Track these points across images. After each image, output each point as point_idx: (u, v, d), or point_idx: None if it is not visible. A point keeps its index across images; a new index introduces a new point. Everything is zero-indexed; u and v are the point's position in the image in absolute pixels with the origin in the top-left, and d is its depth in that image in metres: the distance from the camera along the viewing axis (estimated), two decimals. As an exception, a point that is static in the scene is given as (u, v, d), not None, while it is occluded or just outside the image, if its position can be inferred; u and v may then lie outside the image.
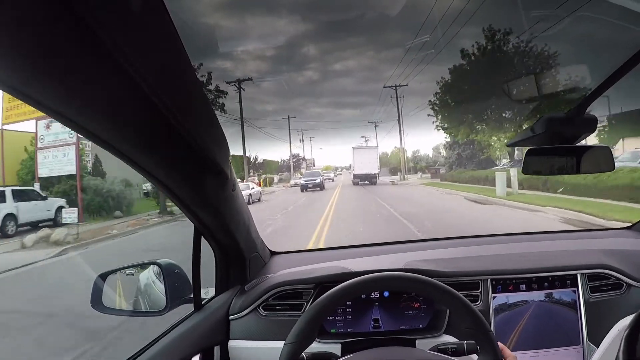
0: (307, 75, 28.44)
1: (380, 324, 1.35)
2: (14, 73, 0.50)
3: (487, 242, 1.82)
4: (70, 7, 0.42)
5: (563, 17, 7.61)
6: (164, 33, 0.54)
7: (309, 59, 29.06)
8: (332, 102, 36.06)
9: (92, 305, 1.26)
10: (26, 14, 0.41)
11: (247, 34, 20.09)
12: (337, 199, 16.45)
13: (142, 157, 0.78)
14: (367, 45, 29.11)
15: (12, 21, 0.42)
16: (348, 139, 42.28)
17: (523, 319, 1.35)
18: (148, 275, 1.43)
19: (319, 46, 27.43)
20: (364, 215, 11.26)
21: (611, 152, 1.18)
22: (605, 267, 1.39)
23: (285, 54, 25.24)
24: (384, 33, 26.21)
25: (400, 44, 20.77)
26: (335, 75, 31.93)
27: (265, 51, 22.59)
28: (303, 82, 28.75)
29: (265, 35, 16.92)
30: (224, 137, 0.89)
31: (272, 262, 1.69)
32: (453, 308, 1.00)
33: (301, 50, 25.46)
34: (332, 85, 32.91)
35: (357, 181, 23.34)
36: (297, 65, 29.02)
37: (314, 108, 36.77)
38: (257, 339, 1.35)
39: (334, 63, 31.28)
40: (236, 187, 1.17)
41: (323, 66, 30.99)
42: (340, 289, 0.99)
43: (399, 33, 20.35)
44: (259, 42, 17.70)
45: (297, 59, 27.52)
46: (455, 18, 15.08)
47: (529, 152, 1.12)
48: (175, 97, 0.64)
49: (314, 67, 31.42)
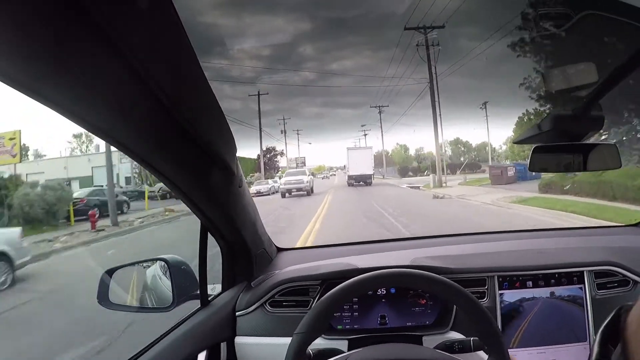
0: (303, 75, 28.25)
1: (387, 320, 1.36)
2: (22, 70, 0.50)
3: (493, 239, 1.82)
4: (78, 2, 0.42)
5: (571, 15, 7.53)
6: (170, 29, 0.54)
7: (306, 58, 28.91)
8: (328, 102, 35.83)
9: (98, 301, 1.27)
10: (33, 10, 0.42)
11: (245, 32, 20.09)
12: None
13: (149, 153, 0.79)
14: (365, 45, 28.97)
15: (19, 17, 0.42)
16: (345, 140, 41.54)
17: (530, 316, 1.35)
18: (155, 271, 1.43)
19: (316, 45, 27.34)
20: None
21: (617, 149, 1.17)
22: (612, 264, 1.39)
23: (282, 53, 25.12)
24: (383, 32, 26.03)
25: (401, 43, 20.59)
26: (332, 74, 31.75)
27: (262, 50, 22.48)
28: (299, 81, 28.59)
29: (263, 34, 16.94)
30: (230, 133, 0.89)
31: (278, 258, 1.69)
32: (462, 307, 1.00)
33: (298, 50, 25.35)
34: (329, 84, 32.67)
35: (352, 182, 22.24)
36: (294, 64, 28.91)
37: (309, 107, 36.56)
38: (264, 335, 1.36)
39: (331, 62, 31.10)
40: (243, 183, 1.17)
41: (320, 65, 30.83)
42: (350, 283, 0.99)
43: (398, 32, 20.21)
44: (256, 41, 17.70)
45: (294, 58, 27.40)
46: (450, 15, 14.93)
47: (535, 150, 1.12)
48: (182, 93, 0.64)
49: (310, 66, 31.28)
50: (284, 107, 30.56)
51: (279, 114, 29.23)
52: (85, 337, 3.98)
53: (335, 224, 9.35)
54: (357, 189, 19.27)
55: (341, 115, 36.72)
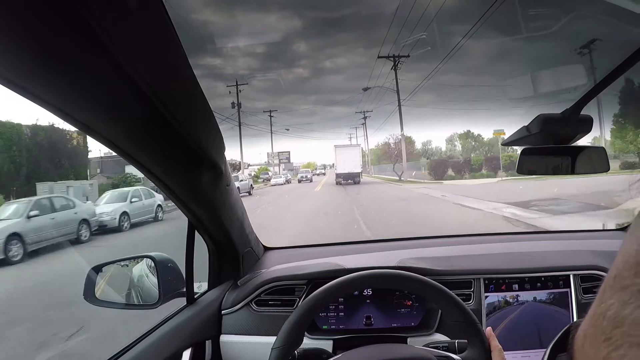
0: (297, 73, 28.13)
1: (372, 321, 1.36)
2: (12, 68, 0.50)
3: (480, 241, 1.83)
4: (68, 3, 0.42)
5: (560, 17, 7.60)
6: (160, 29, 0.54)
7: (299, 55, 28.79)
8: (321, 99, 35.69)
9: (84, 297, 1.25)
10: (25, 10, 0.42)
11: (238, 30, 20.00)
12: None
13: (137, 151, 0.79)
14: (357, 42, 28.92)
15: (11, 17, 0.42)
16: (337, 137, 41.21)
17: (515, 319, 1.36)
18: (141, 269, 1.42)
19: (309, 43, 27.26)
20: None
21: (606, 152, 1.18)
22: (599, 268, 1.39)
23: (275, 51, 25.03)
24: (375, 30, 26.02)
25: (394, 41, 20.57)
26: (325, 72, 31.66)
27: (256, 48, 22.37)
28: (293, 79, 28.43)
29: (256, 32, 16.86)
30: (219, 132, 0.89)
31: (265, 257, 1.69)
32: (442, 305, 1.01)
33: (292, 47, 25.29)
34: (321, 82, 32.59)
35: (340, 180, 22.25)
36: (287, 62, 28.80)
37: (303, 105, 36.42)
38: (249, 334, 1.35)
39: (324, 60, 31.01)
40: (231, 182, 1.17)
41: (313, 63, 30.72)
42: (327, 288, 0.98)
43: (392, 30, 20.15)
44: (249, 39, 17.59)
45: (287, 55, 27.31)
46: (437, 14, 14.86)
47: (523, 152, 1.12)
48: (171, 93, 0.64)
49: (304, 64, 31.17)
50: (277, 104, 30.46)
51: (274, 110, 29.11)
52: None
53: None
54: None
55: (334, 113, 36.66)
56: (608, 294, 0.29)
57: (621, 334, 0.27)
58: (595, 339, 0.30)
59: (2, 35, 0.44)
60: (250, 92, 31.62)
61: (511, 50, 14.94)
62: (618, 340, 0.27)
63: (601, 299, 0.30)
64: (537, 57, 15.03)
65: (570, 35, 10.67)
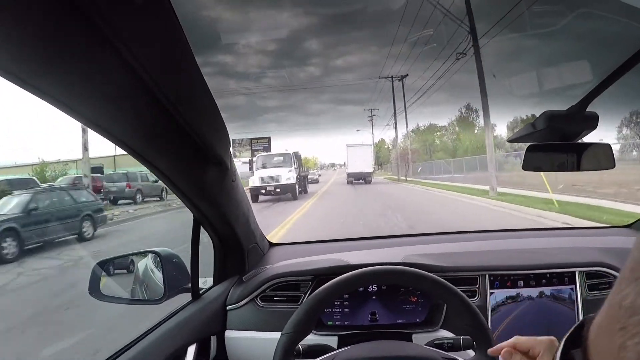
0: (308, 71, 28.02)
1: (377, 317, 1.36)
2: (17, 62, 0.50)
3: (485, 237, 1.82)
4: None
5: (566, 14, 7.54)
6: (166, 23, 0.53)
7: (311, 53, 28.68)
8: (333, 98, 35.52)
9: (89, 293, 1.26)
10: (31, 6, 0.42)
11: (249, 27, 19.93)
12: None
13: (143, 147, 0.79)
14: (370, 40, 28.78)
15: (15, 10, 0.42)
16: (348, 136, 40.79)
17: (520, 316, 1.36)
18: (147, 264, 1.43)
19: (321, 40, 27.14)
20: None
21: (612, 149, 1.17)
22: (604, 265, 1.39)
23: (287, 48, 24.93)
24: (387, 27, 25.88)
25: (404, 38, 20.41)
26: (337, 70, 31.50)
27: (267, 45, 22.29)
28: (304, 77, 28.32)
29: (268, 29, 16.76)
30: (224, 127, 0.89)
31: (270, 253, 1.70)
32: (451, 303, 1.01)
33: (303, 45, 25.21)
34: (334, 81, 32.44)
35: (352, 180, 22.18)
36: (299, 60, 28.66)
37: (314, 104, 36.30)
38: (254, 329, 1.36)
39: (336, 58, 30.88)
40: (236, 177, 1.17)
41: (325, 61, 30.59)
42: (338, 281, 0.99)
43: (403, 27, 20.02)
44: (261, 36, 17.52)
45: (298, 53, 27.18)
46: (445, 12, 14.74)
47: (529, 148, 1.11)
48: (177, 88, 0.64)
49: (315, 62, 31.05)
50: (288, 102, 30.27)
51: (284, 109, 28.93)
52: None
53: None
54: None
55: (346, 111, 36.51)
56: (624, 284, 0.30)
57: (637, 323, 0.27)
58: (611, 329, 0.30)
59: (8, 30, 0.44)
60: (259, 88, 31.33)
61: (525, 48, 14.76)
62: (633, 328, 0.28)
63: (617, 290, 0.31)
64: (543, 54, 14.87)
65: (577, 32, 10.60)
